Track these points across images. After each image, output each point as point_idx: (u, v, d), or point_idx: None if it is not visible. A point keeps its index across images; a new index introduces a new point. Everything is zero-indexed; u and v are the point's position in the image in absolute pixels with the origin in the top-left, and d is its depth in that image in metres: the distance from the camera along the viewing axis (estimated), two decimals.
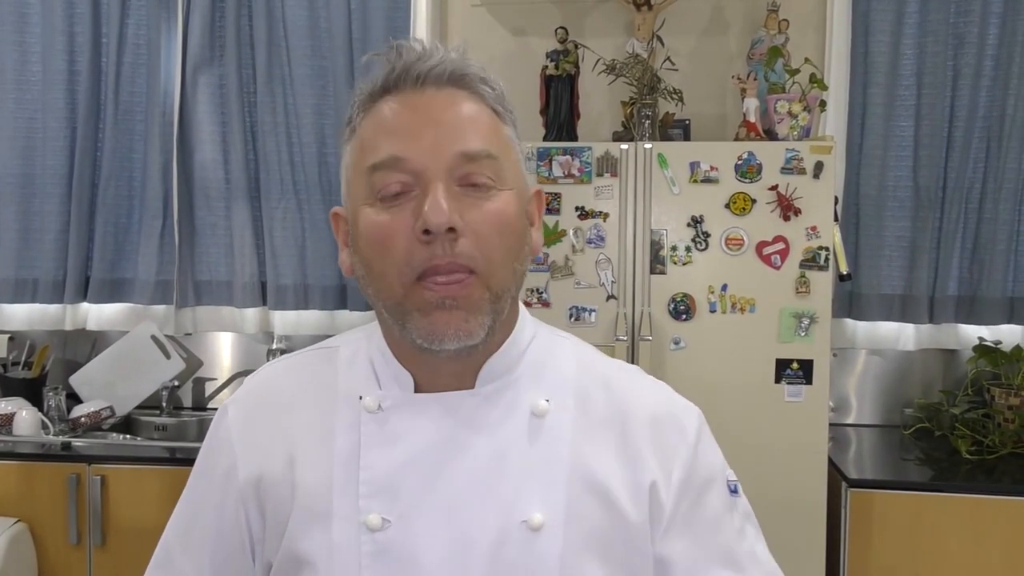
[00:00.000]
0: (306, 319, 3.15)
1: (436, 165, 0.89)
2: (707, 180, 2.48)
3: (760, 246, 2.46)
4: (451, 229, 0.88)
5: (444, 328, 0.89)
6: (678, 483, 0.98)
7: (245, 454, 1.00)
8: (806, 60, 2.63)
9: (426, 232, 0.87)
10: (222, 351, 3.30)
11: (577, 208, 2.51)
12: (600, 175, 2.51)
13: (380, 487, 0.93)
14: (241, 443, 1.00)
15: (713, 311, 2.49)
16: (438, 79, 0.92)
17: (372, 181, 0.91)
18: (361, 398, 0.97)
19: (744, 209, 2.47)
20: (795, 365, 2.46)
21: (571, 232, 2.51)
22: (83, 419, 2.91)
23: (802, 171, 2.45)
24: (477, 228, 0.90)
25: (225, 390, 3.29)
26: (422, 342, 0.90)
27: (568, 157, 2.51)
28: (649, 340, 2.47)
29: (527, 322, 1.03)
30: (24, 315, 3.19)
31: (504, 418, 0.96)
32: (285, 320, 3.15)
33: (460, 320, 0.89)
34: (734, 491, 1.04)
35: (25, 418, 2.81)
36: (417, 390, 0.97)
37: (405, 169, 0.90)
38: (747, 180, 2.47)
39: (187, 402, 3.28)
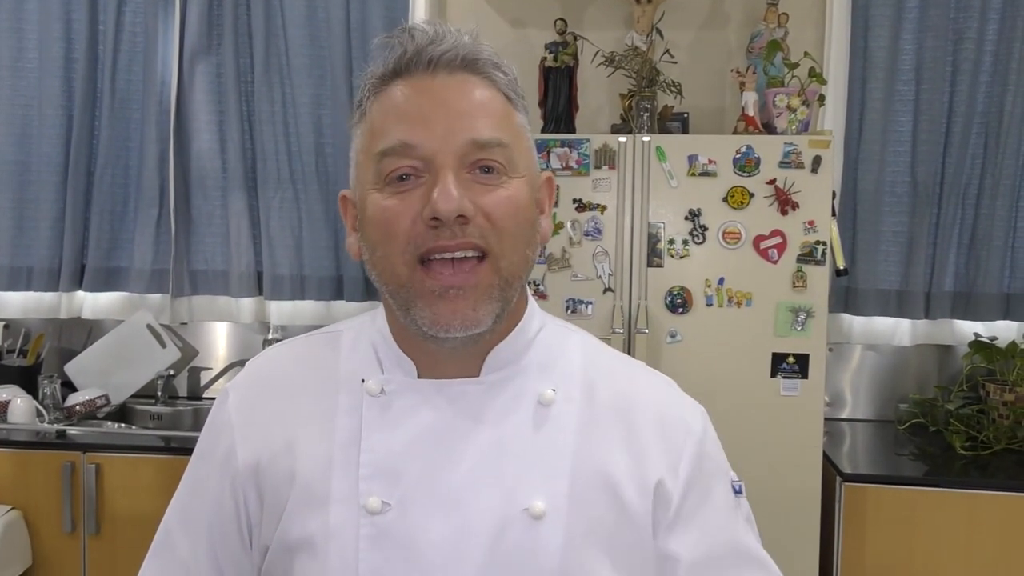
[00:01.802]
0: (302, 309, 3.15)
1: (446, 151, 0.88)
2: (705, 173, 2.48)
3: (757, 240, 2.46)
4: (460, 216, 0.87)
5: (450, 317, 0.89)
6: (685, 479, 0.97)
7: (244, 438, 0.99)
8: (805, 54, 2.62)
9: (434, 219, 0.87)
10: (218, 340, 3.30)
11: (575, 200, 2.51)
12: (598, 167, 2.51)
13: (381, 470, 0.93)
14: (240, 427, 1.00)
15: (710, 305, 2.49)
16: (450, 63, 0.91)
17: (380, 166, 0.90)
18: (364, 381, 0.96)
19: (742, 203, 2.46)
20: (791, 359, 2.46)
21: (568, 224, 2.51)
22: (78, 407, 2.90)
23: (800, 165, 2.44)
24: (489, 211, 0.89)
25: (221, 379, 3.28)
26: (427, 330, 0.90)
27: (566, 149, 2.50)
28: (646, 333, 2.47)
29: (536, 312, 1.02)
30: (19, 303, 3.19)
31: (509, 407, 0.95)
32: (281, 310, 3.15)
33: (467, 308, 0.89)
34: (738, 492, 1.04)
35: (20, 406, 2.80)
36: (420, 376, 0.97)
37: (414, 155, 0.88)
38: (745, 174, 2.46)
39: (182, 391, 3.28)
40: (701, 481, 0.99)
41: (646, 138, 2.51)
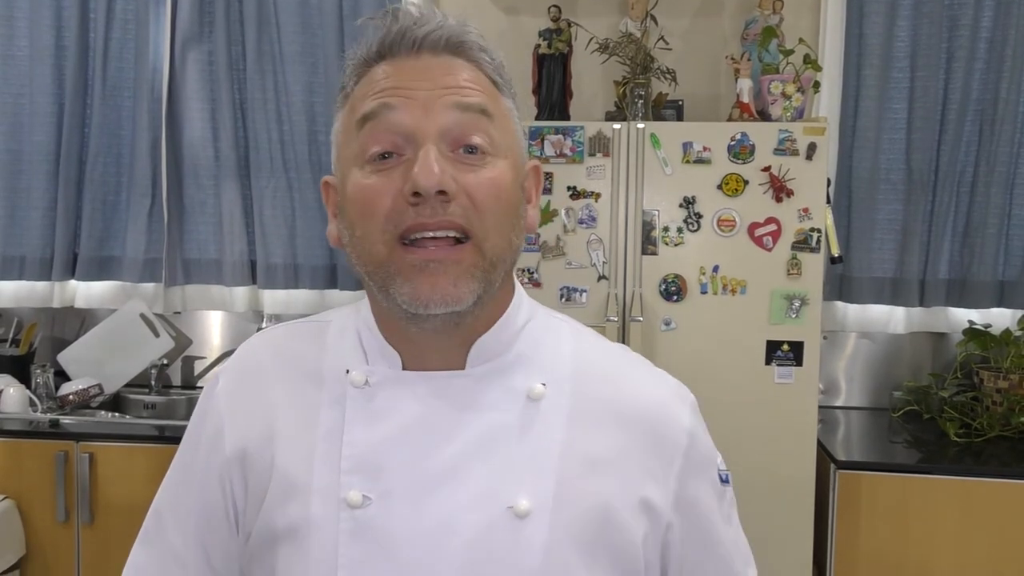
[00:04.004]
0: (296, 298, 3.14)
1: (428, 123, 0.86)
2: (700, 161, 2.47)
3: (752, 227, 2.46)
4: (442, 192, 0.84)
5: (430, 292, 0.86)
6: (676, 474, 0.96)
7: (232, 424, 0.98)
8: (800, 41, 2.61)
9: (415, 195, 0.84)
10: (211, 329, 3.29)
11: (569, 188, 2.50)
12: (592, 155, 2.50)
13: (362, 463, 0.91)
14: (229, 413, 0.99)
15: (704, 292, 2.48)
16: (434, 45, 0.89)
17: (361, 139, 0.88)
18: (348, 372, 0.95)
19: (736, 190, 2.46)
20: (785, 347, 2.46)
21: (563, 212, 2.50)
22: (71, 397, 2.90)
23: (795, 152, 2.44)
24: (471, 191, 0.86)
25: (214, 369, 3.27)
26: (407, 307, 0.87)
27: (560, 137, 2.49)
28: (640, 321, 2.47)
29: (523, 302, 1.00)
30: (12, 292, 3.17)
31: (496, 401, 0.93)
32: (275, 299, 3.14)
33: (447, 284, 0.86)
34: (724, 480, 1.03)
35: (13, 395, 2.79)
36: (405, 368, 0.94)
37: (395, 123, 0.86)
38: (740, 161, 2.46)
39: (176, 380, 3.27)
40: (690, 472, 0.97)
41: (640, 125, 2.50)
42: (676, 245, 2.49)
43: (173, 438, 2.64)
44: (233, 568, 1.00)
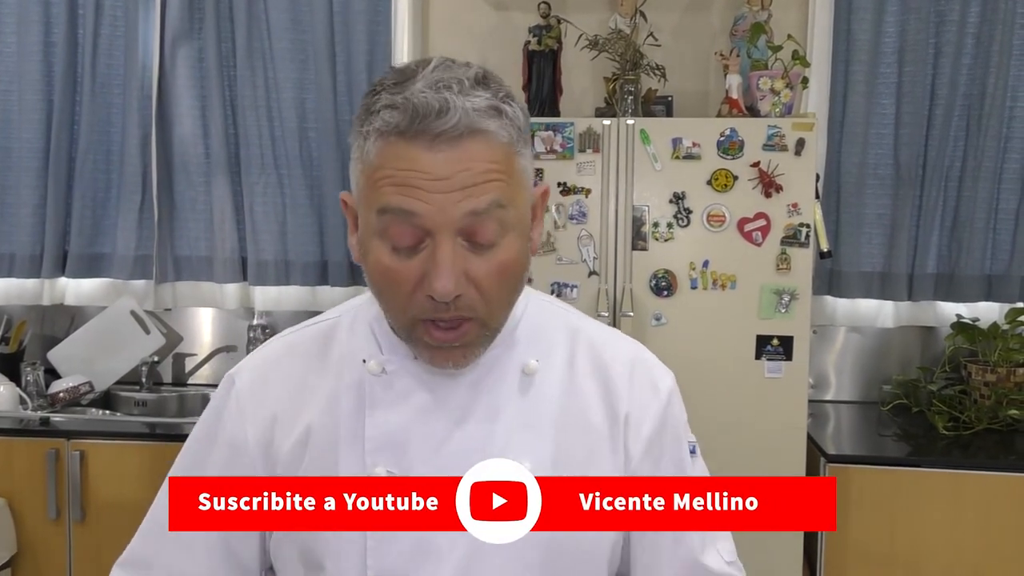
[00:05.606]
0: (287, 295, 3.14)
1: (444, 222, 0.90)
2: (689, 156, 2.48)
3: (741, 223, 2.47)
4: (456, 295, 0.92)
5: (443, 363, 0.98)
6: (647, 437, 1.07)
7: (255, 420, 1.06)
8: (789, 37, 2.62)
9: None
10: (202, 327, 3.28)
11: (559, 184, 2.51)
12: (582, 151, 2.51)
13: (385, 443, 1.01)
14: (250, 410, 1.06)
15: (694, 287, 2.49)
16: (455, 137, 0.90)
17: (382, 222, 0.93)
18: (364, 361, 1.04)
19: (726, 186, 2.47)
20: (775, 341, 2.47)
21: (553, 208, 2.51)
22: (62, 394, 2.89)
23: (784, 148, 2.45)
24: (480, 282, 0.93)
25: (206, 365, 3.27)
26: (424, 364, 1.00)
27: (550, 133, 2.50)
28: (630, 316, 2.48)
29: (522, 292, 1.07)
30: (1, 290, 3.17)
31: (499, 380, 1.04)
32: (266, 296, 3.14)
33: (459, 356, 0.97)
34: (692, 452, 1.12)
35: (3, 393, 2.79)
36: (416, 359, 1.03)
37: (414, 224, 0.91)
38: (729, 157, 2.47)
39: (167, 378, 3.27)
40: (660, 443, 1.08)
41: (630, 121, 2.51)
42: (666, 240, 2.49)
43: (164, 435, 2.64)
44: (256, 552, 1.08)
